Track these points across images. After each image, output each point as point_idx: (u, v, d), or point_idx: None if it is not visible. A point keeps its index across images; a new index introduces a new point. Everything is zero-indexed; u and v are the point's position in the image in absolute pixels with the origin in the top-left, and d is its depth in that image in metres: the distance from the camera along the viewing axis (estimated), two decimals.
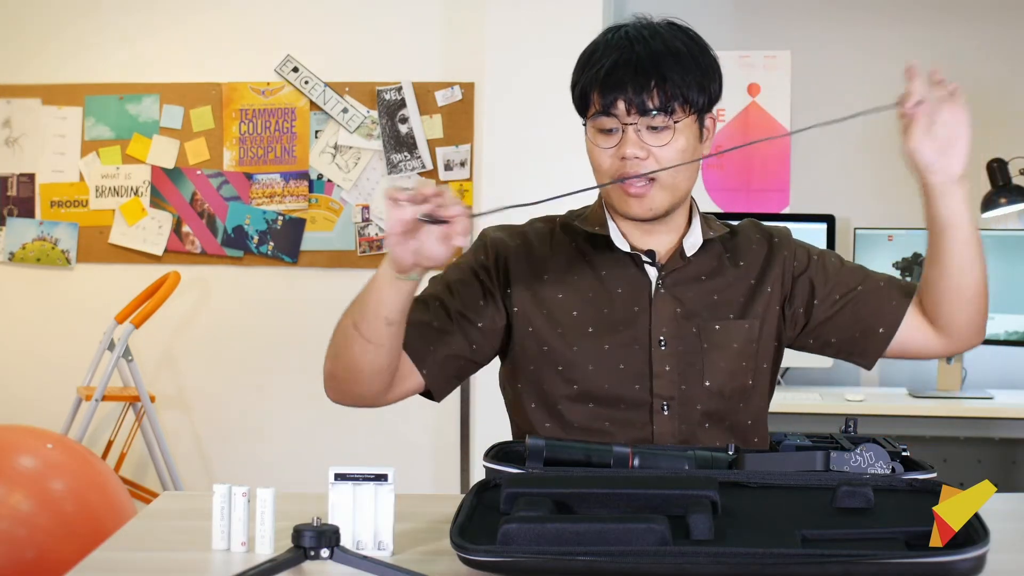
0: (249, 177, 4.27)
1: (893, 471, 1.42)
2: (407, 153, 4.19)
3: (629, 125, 1.66)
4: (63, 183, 4.34)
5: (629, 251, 1.74)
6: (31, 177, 4.36)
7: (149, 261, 4.30)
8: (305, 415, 4.25)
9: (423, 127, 4.18)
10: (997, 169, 3.76)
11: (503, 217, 1.94)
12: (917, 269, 3.69)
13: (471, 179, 4.16)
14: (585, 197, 1.70)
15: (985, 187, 3.80)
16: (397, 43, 4.20)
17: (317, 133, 4.24)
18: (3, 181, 4.37)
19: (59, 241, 4.35)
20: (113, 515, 2.72)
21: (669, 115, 1.66)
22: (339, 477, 1.32)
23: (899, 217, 3.92)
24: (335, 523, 1.29)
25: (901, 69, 1.66)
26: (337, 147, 4.23)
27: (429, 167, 4.18)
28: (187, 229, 4.30)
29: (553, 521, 1.21)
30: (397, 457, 4.12)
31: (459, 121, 4.18)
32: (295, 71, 4.23)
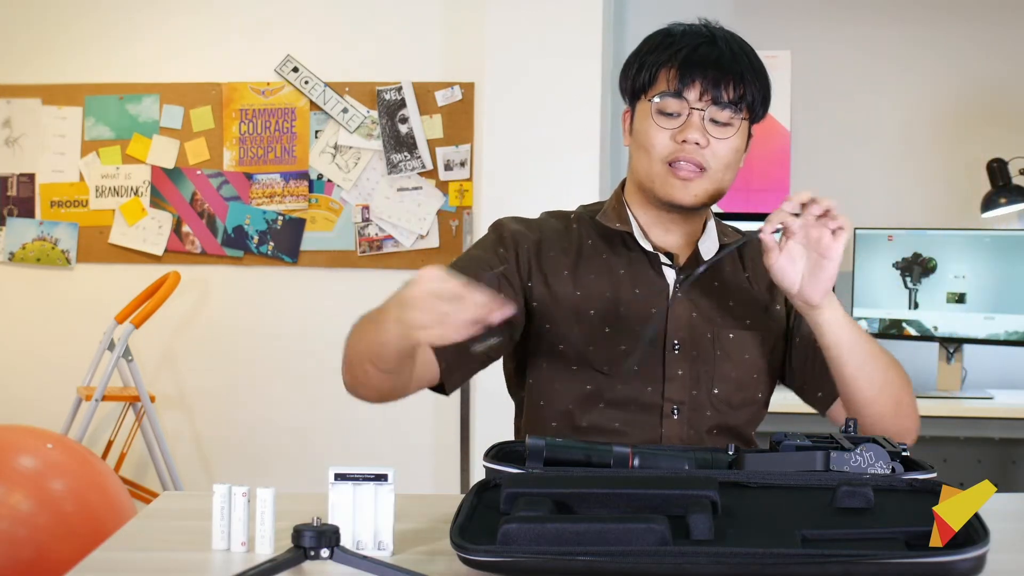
0: (249, 177, 4.27)
1: (893, 471, 1.42)
2: (407, 153, 4.19)
3: (697, 111, 1.67)
4: (63, 183, 4.34)
5: (651, 250, 1.74)
6: (31, 177, 4.36)
7: (149, 261, 4.31)
8: (305, 415, 4.25)
9: (423, 127, 4.18)
10: (997, 169, 3.75)
11: (515, 208, 1.93)
12: (917, 269, 3.69)
13: (471, 179, 4.16)
14: (598, 195, 1.70)
15: (985, 187, 3.80)
16: (397, 43, 4.20)
17: (317, 133, 4.24)
18: (3, 181, 4.37)
19: (59, 241, 4.35)
20: (113, 515, 2.72)
21: (737, 112, 1.68)
22: (339, 477, 1.32)
23: (899, 217, 3.92)
24: (335, 523, 1.29)
25: (901, 69, 1.67)
26: (337, 147, 4.23)
27: (429, 167, 4.18)
28: (187, 229, 4.30)
29: (553, 521, 1.21)
30: (397, 457, 4.13)
31: (459, 121, 4.18)
32: (295, 71, 4.23)
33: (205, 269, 4.31)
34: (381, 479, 1.32)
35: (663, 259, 1.74)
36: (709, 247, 1.77)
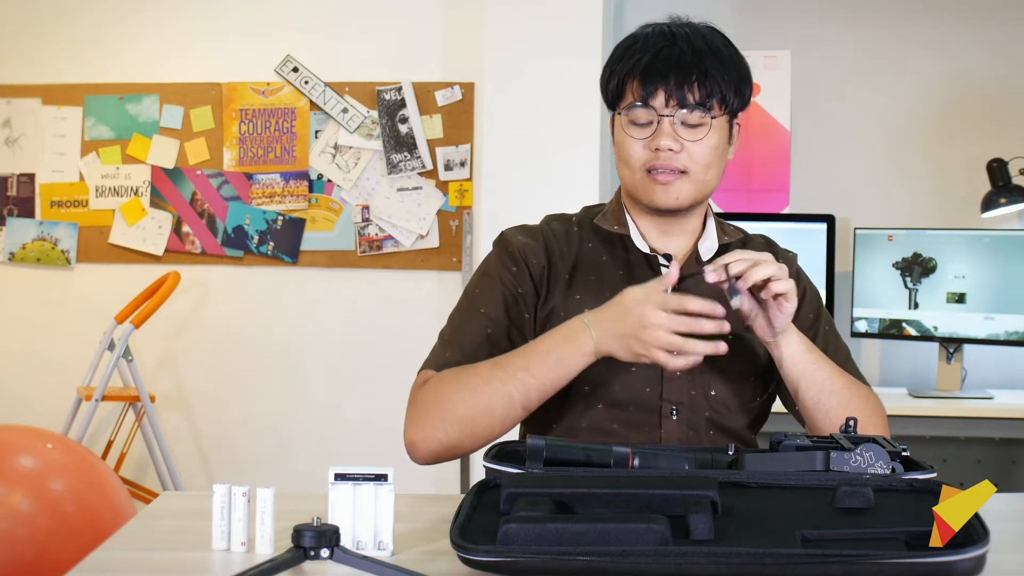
0: (249, 177, 4.27)
1: (893, 471, 1.42)
2: (407, 153, 4.19)
3: (666, 117, 1.67)
4: (63, 183, 4.34)
5: (648, 252, 1.75)
6: (31, 177, 4.36)
7: (149, 261, 4.31)
8: (305, 415, 4.25)
9: (423, 127, 4.18)
10: (997, 169, 3.75)
11: (519, 217, 1.93)
12: (917, 269, 3.69)
13: (471, 179, 4.16)
14: (598, 195, 1.70)
15: (985, 187, 3.80)
16: (397, 43, 4.20)
17: (317, 133, 4.24)
18: (3, 181, 4.37)
19: (59, 241, 4.35)
20: (113, 515, 2.72)
21: (707, 111, 1.67)
22: (339, 477, 1.32)
23: (899, 217, 3.92)
24: (335, 523, 1.29)
25: (901, 69, 1.66)
26: (337, 147, 4.23)
27: (429, 167, 4.18)
28: (187, 229, 4.30)
29: (553, 521, 1.21)
30: (397, 457, 4.11)
31: (459, 121, 4.18)
32: (295, 71, 4.23)
33: (205, 269, 4.31)
34: (381, 479, 1.32)
35: (661, 260, 1.74)
36: (709, 247, 1.77)
